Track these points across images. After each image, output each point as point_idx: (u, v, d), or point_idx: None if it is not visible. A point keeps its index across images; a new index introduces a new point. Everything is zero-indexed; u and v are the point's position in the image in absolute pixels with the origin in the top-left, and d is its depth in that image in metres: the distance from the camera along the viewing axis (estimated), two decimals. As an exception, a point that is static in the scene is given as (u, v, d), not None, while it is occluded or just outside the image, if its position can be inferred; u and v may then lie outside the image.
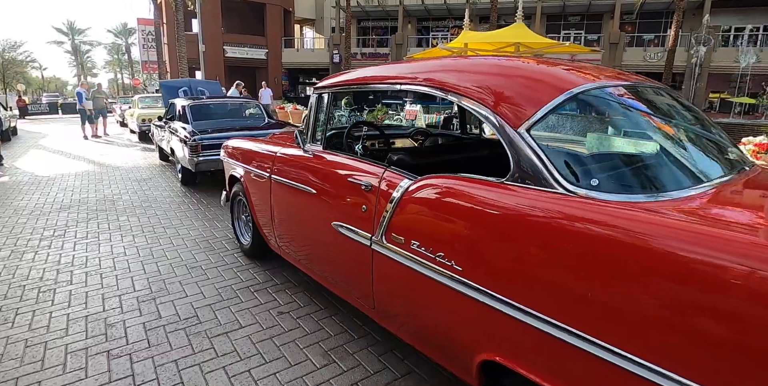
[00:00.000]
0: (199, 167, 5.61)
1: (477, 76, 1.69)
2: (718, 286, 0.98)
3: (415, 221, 1.74)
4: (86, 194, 5.96)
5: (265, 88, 14.76)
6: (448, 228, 1.60)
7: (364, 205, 1.99)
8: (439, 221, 1.64)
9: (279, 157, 2.85)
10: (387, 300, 1.98)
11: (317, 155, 2.48)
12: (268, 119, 7.06)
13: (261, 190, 3.11)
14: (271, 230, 3.05)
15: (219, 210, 5.11)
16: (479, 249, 1.48)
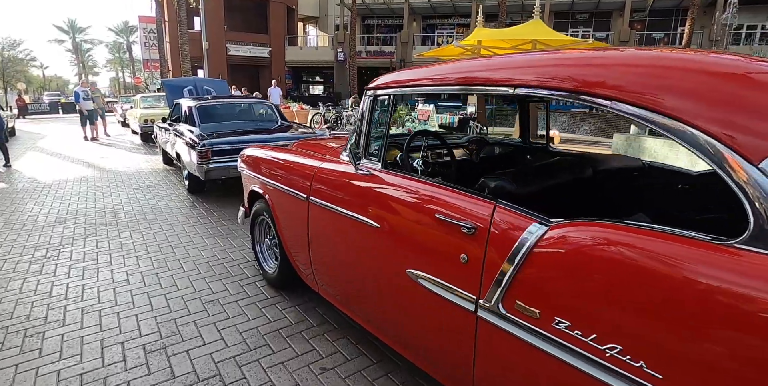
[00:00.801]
0: (209, 175, 5.04)
1: (674, 80, 1.11)
2: None
3: (561, 289, 1.17)
4: (84, 204, 5.39)
5: (274, 87, 14.14)
6: (631, 309, 1.03)
7: (463, 254, 1.42)
8: (611, 296, 1.07)
9: (321, 174, 2.28)
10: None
11: (376, 175, 1.91)
12: (281, 121, 6.48)
13: (294, 213, 2.54)
14: (306, 263, 2.48)
15: (232, 224, 4.54)
16: (699, 351, 0.92)
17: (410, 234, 1.65)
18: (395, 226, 1.72)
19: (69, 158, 9.11)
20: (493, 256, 1.33)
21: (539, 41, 12.29)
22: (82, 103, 11.72)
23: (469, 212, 1.43)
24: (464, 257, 1.42)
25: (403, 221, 1.69)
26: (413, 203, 1.66)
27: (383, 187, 1.84)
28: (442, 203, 1.54)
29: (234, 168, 5.00)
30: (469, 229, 1.40)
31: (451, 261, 1.46)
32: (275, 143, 5.27)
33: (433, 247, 1.55)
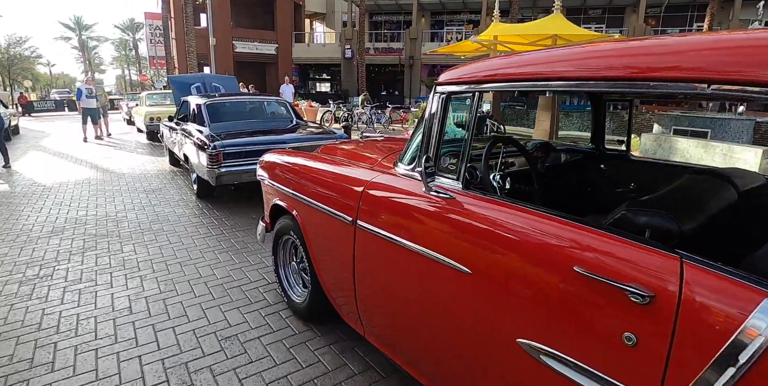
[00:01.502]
0: (221, 180, 4.57)
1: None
2: None
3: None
4: (85, 211, 4.93)
5: (287, 84, 13.56)
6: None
7: (628, 332, 0.93)
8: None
9: (372, 192, 1.80)
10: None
11: (458, 200, 1.42)
12: (296, 120, 5.99)
13: (333, 238, 2.06)
14: (348, 300, 2.00)
15: (248, 235, 4.08)
16: None
17: (526, 290, 1.16)
18: (498, 275, 1.23)
19: (71, 159, 8.67)
20: (692, 342, 0.84)
21: (560, 36, 11.72)
22: (85, 101, 11.05)
23: (637, 269, 0.94)
24: (630, 338, 0.93)
25: (512, 269, 1.20)
26: (530, 245, 1.17)
27: (472, 217, 1.35)
28: (583, 250, 1.05)
29: (248, 173, 4.53)
30: (642, 296, 0.91)
31: (606, 340, 0.97)
32: (293, 144, 4.81)
33: (570, 315, 1.06)
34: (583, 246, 1.05)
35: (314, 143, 5.01)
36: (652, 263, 0.93)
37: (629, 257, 0.96)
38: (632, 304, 0.92)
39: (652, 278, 0.91)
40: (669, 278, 0.89)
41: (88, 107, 11.11)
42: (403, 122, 13.82)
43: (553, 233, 1.12)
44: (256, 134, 5.14)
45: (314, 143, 5.04)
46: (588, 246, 1.04)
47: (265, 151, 4.81)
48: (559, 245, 1.09)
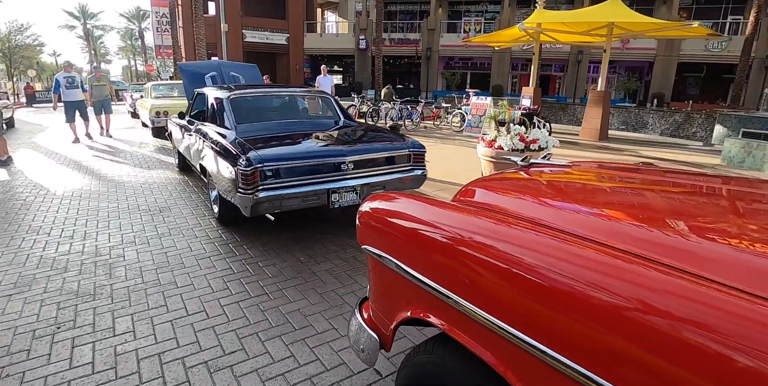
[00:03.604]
0: (259, 209, 3.16)
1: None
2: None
3: None
4: (68, 246, 3.54)
5: (324, 75, 11.15)
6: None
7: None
8: None
9: None
10: None
11: None
12: (344, 120, 4.56)
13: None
14: None
15: (302, 298, 2.69)
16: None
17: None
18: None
19: (64, 161, 7.26)
20: None
21: (617, 25, 10.20)
22: (65, 92, 8.73)
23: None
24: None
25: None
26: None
27: None
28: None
29: (296, 197, 3.13)
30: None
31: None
32: (360, 157, 3.40)
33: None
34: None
35: (388, 154, 3.61)
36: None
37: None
38: None
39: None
40: None
41: (70, 100, 8.84)
42: (435, 119, 12.34)
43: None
44: (300, 141, 3.73)
45: (388, 154, 3.63)
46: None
47: (322, 166, 3.47)
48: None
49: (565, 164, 1.90)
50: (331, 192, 3.36)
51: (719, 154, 9.09)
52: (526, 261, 0.99)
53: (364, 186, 3.51)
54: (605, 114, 10.76)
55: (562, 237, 1.03)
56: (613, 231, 1.06)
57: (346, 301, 2.69)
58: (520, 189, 1.75)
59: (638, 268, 0.85)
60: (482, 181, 1.88)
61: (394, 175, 3.72)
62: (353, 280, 2.97)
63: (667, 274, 0.81)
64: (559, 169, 1.90)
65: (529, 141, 4.68)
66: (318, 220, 4.13)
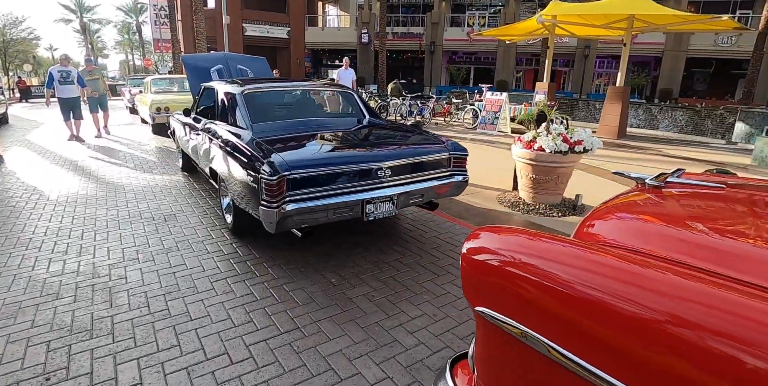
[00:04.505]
0: (286, 224, 2.68)
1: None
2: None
3: None
4: (60, 264, 3.05)
5: (345, 69, 10.31)
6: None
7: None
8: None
9: None
10: None
11: None
12: (369, 117, 4.06)
13: None
14: None
15: (353, 329, 2.22)
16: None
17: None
18: None
19: (60, 161, 6.75)
20: None
21: (638, 17, 9.70)
22: (59, 88, 7.93)
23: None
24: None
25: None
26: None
27: None
28: None
29: (324, 211, 2.66)
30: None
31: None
32: (396, 162, 2.92)
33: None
34: None
35: (427, 158, 3.13)
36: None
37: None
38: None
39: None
40: None
41: (65, 97, 8.04)
42: (446, 115, 11.83)
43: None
44: (327, 143, 3.24)
45: (427, 158, 3.15)
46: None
47: (357, 173, 2.96)
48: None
49: (715, 184, 1.43)
50: (366, 202, 2.88)
51: (745, 153, 8.65)
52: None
53: (401, 195, 3.04)
54: (624, 111, 10.28)
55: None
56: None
57: (396, 338, 2.22)
58: (677, 222, 1.27)
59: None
60: (617, 210, 1.40)
61: (434, 182, 3.24)
62: (398, 308, 2.51)
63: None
64: (711, 190, 1.43)
65: (573, 142, 4.21)
66: (345, 231, 3.65)
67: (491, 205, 4.61)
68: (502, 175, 5.54)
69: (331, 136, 3.45)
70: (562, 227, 3.94)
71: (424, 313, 2.47)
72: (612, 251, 1.05)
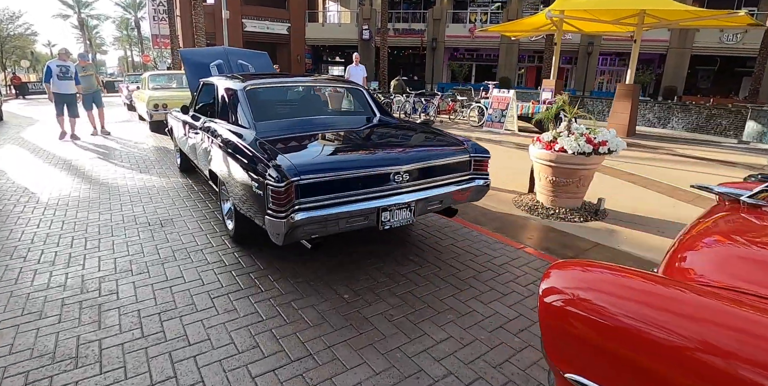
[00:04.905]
0: (296, 234, 2.40)
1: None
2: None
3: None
4: (46, 275, 2.78)
5: (356, 65, 9.71)
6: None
7: None
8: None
9: None
10: None
11: None
12: (380, 115, 3.78)
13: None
14: None
15: (373, 355, 1.95)
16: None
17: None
18: None
19: (52, 160, 6.46)
20: None
21: (649, 13, 9.41)
22: (57, 83, 7.49)
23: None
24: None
25: None
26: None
27: None
28: None
29: (337, 220, 2.39)
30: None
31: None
32: (414, 165, 2.65)
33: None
34: None
35: (448, 161, 2.86)
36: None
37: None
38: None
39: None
40: None
41: (61, 93, 7.63)
42: (450, 113, 11.53)
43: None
44: (338, 144, 2.97)
45: (447, 160, 2.88)
46: None
47: (372, 178, 2.49)
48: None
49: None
50: (381, 210, 2.61)
51: (759, 152, 8.40)
52: None
53: (419, 202, 2.76)
54: (634, 109, 10.00)
55: None
56: None
57: (422, 367, 1.96)
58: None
59: None
60: (715, 237, 1.13)
61: (453, 186, 2.97)
62: (420, 330, 2.24)
63: None
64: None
65: (597, 143, 3.94)
66: (355, 239, 3.38)
67: (508, 209, 4.34)
68: (515, 176, 5.28)
69: (341, 136, 3.17)
70: (586, 234, 3.67)
71: (450, 336, 2.21)
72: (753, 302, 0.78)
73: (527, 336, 2.23)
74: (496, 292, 2.67)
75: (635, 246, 3.48)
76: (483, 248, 3.33)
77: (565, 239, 3.60)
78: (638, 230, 3.87)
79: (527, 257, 3.21)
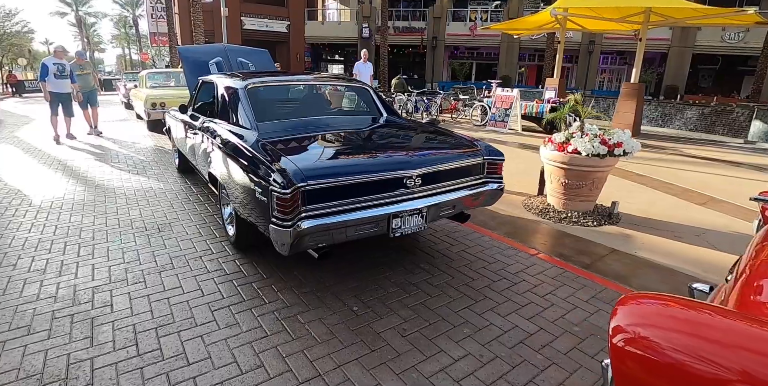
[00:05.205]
0: (303, 243, 2.23)
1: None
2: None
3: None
4: (36, 285, 2.61)
5: (363, 62, 9.32)
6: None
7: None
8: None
9: None
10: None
11: None
12: (387, 115, 3.62)
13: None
14: None
15: (387, 376, 1.80)
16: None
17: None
18: None
19: (47, 160, 6.29)
20: None
21: (655, 11, 9.26)
22: (54, 82, 7.17)
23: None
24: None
25: None
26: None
27: None
28: None
29: (346, 227, 2.24)
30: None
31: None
32: (426, 169, 2.50)
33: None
34: None
35: (461, 164, 2.71)
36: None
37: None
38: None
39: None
40: None
41: (58, 92, 7.31)
42: (453, 112, 11.37)
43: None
44: (345, 146, 2.81)
45: (461, 163, 2.73)
46: None
47: (384, 182, 2.25)
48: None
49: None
50: (392, 217, 2.45)
51: (767, 153, 8.28)
52: None
53: (431, 207, 2.61)
54: (639, 109, 9.86)
55: None
56: None
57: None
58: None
59: None
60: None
61: (466, 191, 2.81)
62: (436, 347, 2.09)
63: None
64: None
65: (612, 145, 3.79)
66: (362, 245, 3.22)
67: (518, 212, 4.19)
68: (522, 176, 5.13)
69: (348, 138, 3.01)
70: (601, 239, 3.52)
71: (468, 353, 2.05)
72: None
73: (550, 352, 2.08)
74: (513, 303, 2.52)
75: (653, 252, 3.34)
76: (496, 255, 3.17)
77: (580, 245, 3.45)
78: (654, 234, 3.72)
79: (542, 264, 3.06)
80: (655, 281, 2.92)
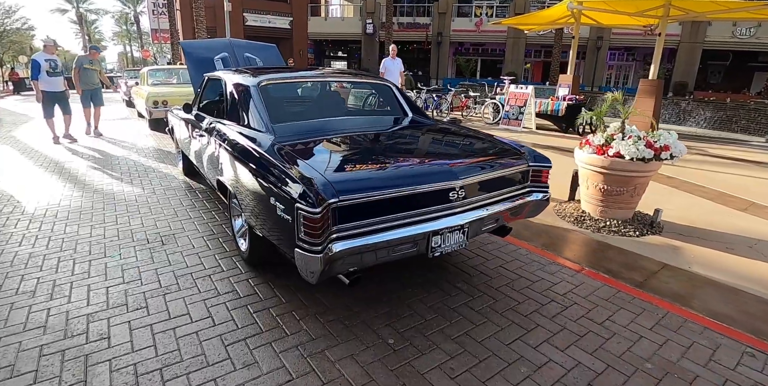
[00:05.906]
0: (332, 271, 1.90)
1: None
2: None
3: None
4: (24, 311, 2.27)
5: (392, 58, 8.39)
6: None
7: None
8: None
9: None
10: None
11: None
12: (413, 115, 3.26)
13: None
14: None
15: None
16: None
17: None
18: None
19: (43, 162, 5.95)
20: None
21: (674, 5, 8.87)
22: (47, 80, 6.65)
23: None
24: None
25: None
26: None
27: None
28: None
29: (381, 249, 1.90)
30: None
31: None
32: (471, 179, 2.15)
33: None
34: None
35: (506, 172, 2.36)
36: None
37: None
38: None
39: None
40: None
41: (52, 90, 6.76)
42: (463, 109, 11.00)
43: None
44: (376, 152, 2.46)
45: (506, 171, 2.38)
46: None
47: (425, 195, 1.83)
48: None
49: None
50: (432, 234, 2.11)
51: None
52: None
53: (474, 222, 2.26)
54: (657, 106, 9.46)
55: None
56: None
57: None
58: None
59: None
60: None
61: (509, 202, 2.47)
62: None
63: None
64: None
65: (659, 148, 3.43)
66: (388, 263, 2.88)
67: (550, 220, 3.84)
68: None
69: (376, 142, 2.67)
70: (647, 252, 3.18)
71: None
72: None
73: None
74: (570, 333, 2.18)
75: (707, 267, 3.00)
76: (537, 272, 2.83)
77: (626, 259, 3.11)
78: (702, 245, 3.38)
79: (591, 282, 2.72)
80: (719, 303, 2.58)
